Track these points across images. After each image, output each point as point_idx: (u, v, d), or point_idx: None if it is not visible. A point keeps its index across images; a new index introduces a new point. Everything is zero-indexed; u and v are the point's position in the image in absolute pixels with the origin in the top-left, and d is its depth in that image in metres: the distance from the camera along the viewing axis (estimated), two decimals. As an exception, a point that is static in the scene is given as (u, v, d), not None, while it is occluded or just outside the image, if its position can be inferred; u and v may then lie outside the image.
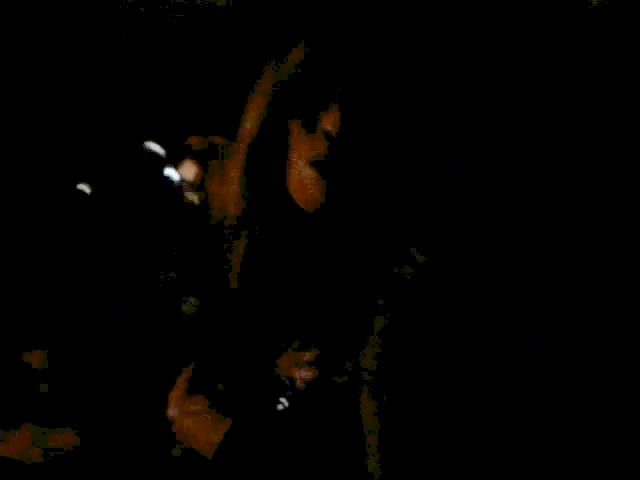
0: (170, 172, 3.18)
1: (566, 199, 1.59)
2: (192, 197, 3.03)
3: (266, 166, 1.24)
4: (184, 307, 3.01)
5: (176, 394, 1.34)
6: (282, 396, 1.26)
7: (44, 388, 2.43)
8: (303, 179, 1.19)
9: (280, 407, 1.26)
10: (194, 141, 3.06)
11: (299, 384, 1.24)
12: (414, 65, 1.23)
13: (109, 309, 2.80)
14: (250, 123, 1.26)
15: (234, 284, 1.28)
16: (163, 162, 3.18)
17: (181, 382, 1.35)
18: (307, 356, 1.24)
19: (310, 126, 1.18)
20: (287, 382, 1.25)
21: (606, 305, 1.47)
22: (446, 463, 1.13)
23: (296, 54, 1.23)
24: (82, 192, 3.30)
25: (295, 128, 1.20)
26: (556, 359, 1.51)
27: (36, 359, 2.52)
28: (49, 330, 2.71)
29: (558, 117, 1.73)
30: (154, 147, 3.22)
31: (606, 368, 1.47)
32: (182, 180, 3.14)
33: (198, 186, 2.97)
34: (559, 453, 1.49)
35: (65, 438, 2.36)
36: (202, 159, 3.02)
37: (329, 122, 1.16)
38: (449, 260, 1.16)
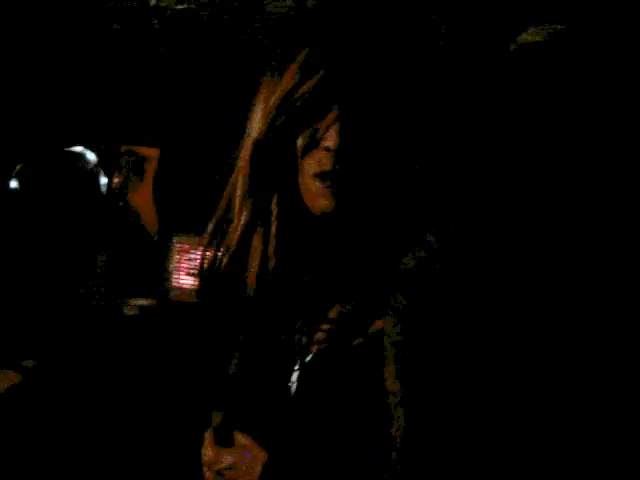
0: (99, 177, 3.28)
1: (568, 196, 1.59)
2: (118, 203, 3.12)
3: (272, 171, 1.30)
4: (125, 309, 3.11)
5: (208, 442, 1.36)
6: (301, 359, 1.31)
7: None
8: (312, 190, 1.28)
9: (295, 375, 1.31)
10: (122, 149, 3.17)
11: (318, 345, 1.29)
12: (408, 77, 1.34)
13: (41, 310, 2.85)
14: (254, 132, 1.32)
15: (252, 284, 1.32)
16: (94, 167, 3.28)
17: (209, 433, 1.37)
18: (332, 312, 1.31)
19: (313, 142, 1.26)
20: (304, 342, 1.31)
21: (606, 304, 1.43)
22: (468, 429, 1.14)
23: (293, 68, 1.28)
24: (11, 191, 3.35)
25: (301, 143, 1.27)
26: (569, 358, 1.48)
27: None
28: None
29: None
30: (86, 152, 3.32)
31: (606, 367, 1.41)
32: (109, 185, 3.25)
33: (120, 193, 3.06)
34: (565, 451, 1.48)
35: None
36: (128, 168, 3.12)
37: (329, 139, 1.25)
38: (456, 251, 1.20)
